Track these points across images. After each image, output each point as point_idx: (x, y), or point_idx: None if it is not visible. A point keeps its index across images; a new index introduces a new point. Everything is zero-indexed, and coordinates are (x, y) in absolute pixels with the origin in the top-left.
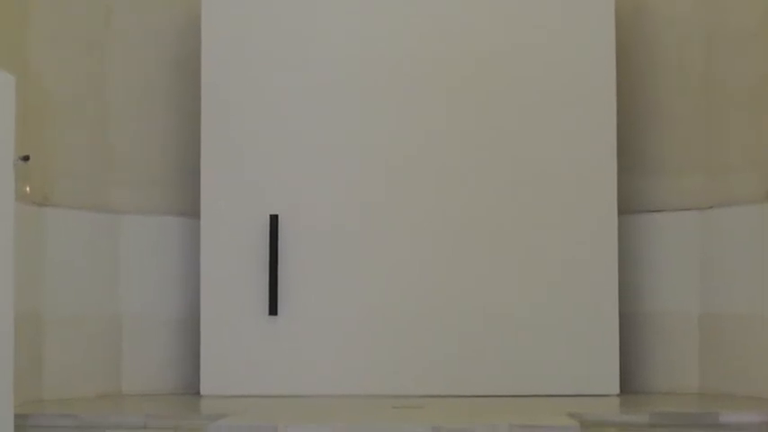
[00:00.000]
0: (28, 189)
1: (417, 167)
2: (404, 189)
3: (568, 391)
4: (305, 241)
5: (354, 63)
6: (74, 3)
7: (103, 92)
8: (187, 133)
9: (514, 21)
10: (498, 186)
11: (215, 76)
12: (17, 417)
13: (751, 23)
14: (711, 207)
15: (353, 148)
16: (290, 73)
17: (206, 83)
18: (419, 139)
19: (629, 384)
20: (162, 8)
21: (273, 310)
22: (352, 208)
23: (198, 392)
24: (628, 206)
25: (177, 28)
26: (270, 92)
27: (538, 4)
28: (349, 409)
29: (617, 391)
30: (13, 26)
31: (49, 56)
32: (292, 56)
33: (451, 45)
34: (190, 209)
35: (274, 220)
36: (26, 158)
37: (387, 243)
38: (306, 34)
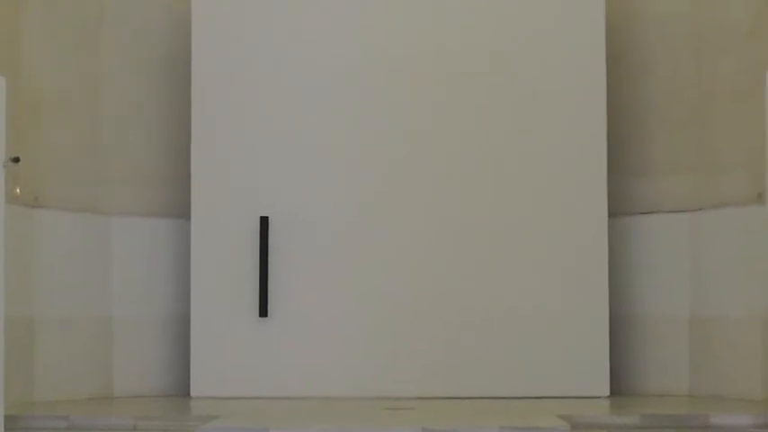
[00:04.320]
0: (18, 190)
1: (409, 171)
2: (395, 192)
3: (559, 393)
4: (295, 243)
5: (345, 65)
6: (66, 3)
7: (95, 93)
8: (179, 134)
9: (505, 26)
10: (489, 190)
11: (205, 77)
12: (8, 418)
13: (741, 26)
14: (701, 209)
15: (345, 150)
16: (281, 74)
17: (196, 85)
18: (410, 143)
19: (620, 386)
20: (154, 8)
21: (264, 312)
22: (343, 211)
23: (188, 394)
24: (618, 208)
25: (169, 27)
26: (261, 93)
27: (529, 8)
28: (339, 411)
29: (607, 392)
30: (6, 26)
31: (42, 56)
32: (283, 57)
33: (443, 54)
34: (181, 211)
35: (265, 222)
36: (16, 160)
37: (377, 246)
38: (297, 36)
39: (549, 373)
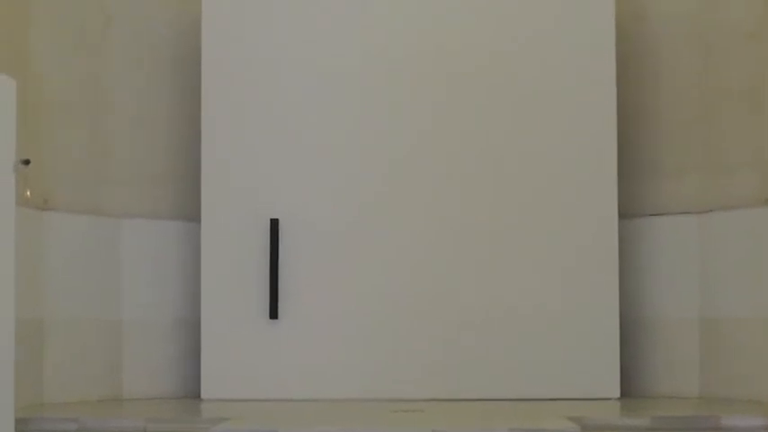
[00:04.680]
0: (28, 193)
1: (417, 171)
2: (404, 193)
3: (569, 395)
4: (306, 245)
5: (354, 66)
6: (74, 5)
7: (103, 94)
8: (187, 136)
9: (514, 25)
10: (498, 191)
11: (215, 79)
12: (18, 421)
13: (749, 25)
14: (710, 211)
15: (354, 151)
16: (291, 76)
17: (206, 86)
18: (418, 144)
19: (630, 388)
20: (162, 9)
21: (274, 314)
22: (353, 212)
23: (199, 396)
24: (627, 210)
25: (178, 29)
26: (270, 95)
27: (538, 7)
28: (349, 413)
29: (618, 394)
30: (15, 29)
31: (50, 58)
32: (293, 59)
33: (449, 53)
34: (190, 213)
35: (275, 224)
36: (27, 162)
37: (387, 247)
38: (306, 37)
39: (558, 375)
